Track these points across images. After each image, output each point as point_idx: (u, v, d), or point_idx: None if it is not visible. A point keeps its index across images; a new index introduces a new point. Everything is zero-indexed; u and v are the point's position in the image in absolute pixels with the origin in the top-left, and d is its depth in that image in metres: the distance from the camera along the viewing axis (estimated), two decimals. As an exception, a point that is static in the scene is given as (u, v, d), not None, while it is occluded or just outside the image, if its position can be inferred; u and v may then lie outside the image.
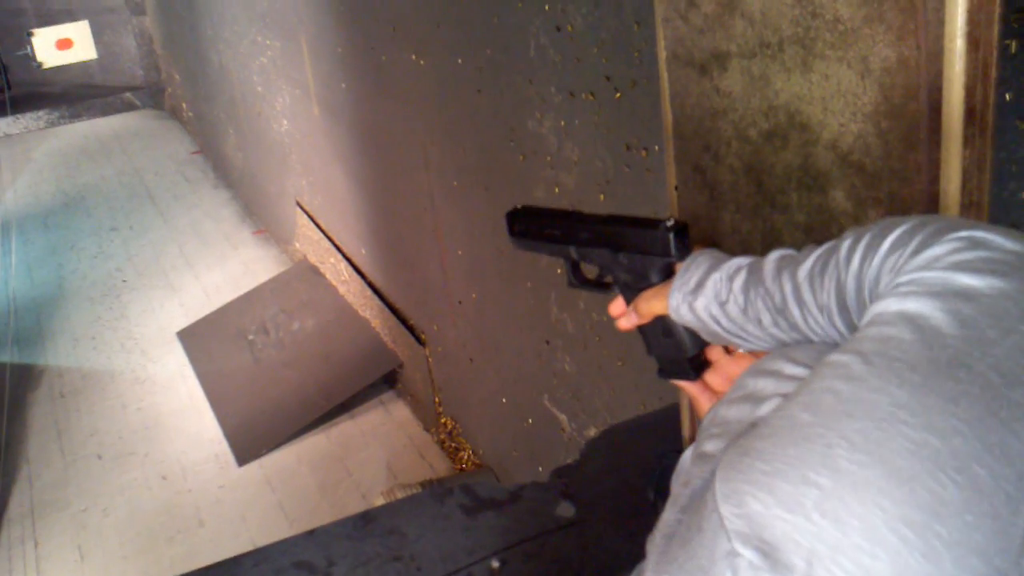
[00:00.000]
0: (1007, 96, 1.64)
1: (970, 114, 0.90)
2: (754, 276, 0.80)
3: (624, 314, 1.00)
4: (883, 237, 0.66)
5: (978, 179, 0.92)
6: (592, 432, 3.31)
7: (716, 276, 0.84)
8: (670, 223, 0.96)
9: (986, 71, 0.89)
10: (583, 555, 1.69)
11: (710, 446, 0.64)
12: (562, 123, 3.14)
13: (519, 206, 1.18)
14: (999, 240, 0.59)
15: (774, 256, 0.80)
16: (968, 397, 0.51)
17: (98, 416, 5.97)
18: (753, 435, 0.56)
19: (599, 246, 1.03)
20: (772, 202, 1.14)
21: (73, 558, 4.85)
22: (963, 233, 0.60)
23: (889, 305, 0.58)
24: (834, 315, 0.71)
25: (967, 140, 0.90)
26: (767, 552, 0.49)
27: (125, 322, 6.96)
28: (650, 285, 0.97)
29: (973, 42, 0.87)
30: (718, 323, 0.83)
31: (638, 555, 1.60)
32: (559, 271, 3.37)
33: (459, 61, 3.76)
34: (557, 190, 3.28)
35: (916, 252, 0.61)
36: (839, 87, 1.00)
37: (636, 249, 0.98)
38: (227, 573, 1.83)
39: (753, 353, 0.92)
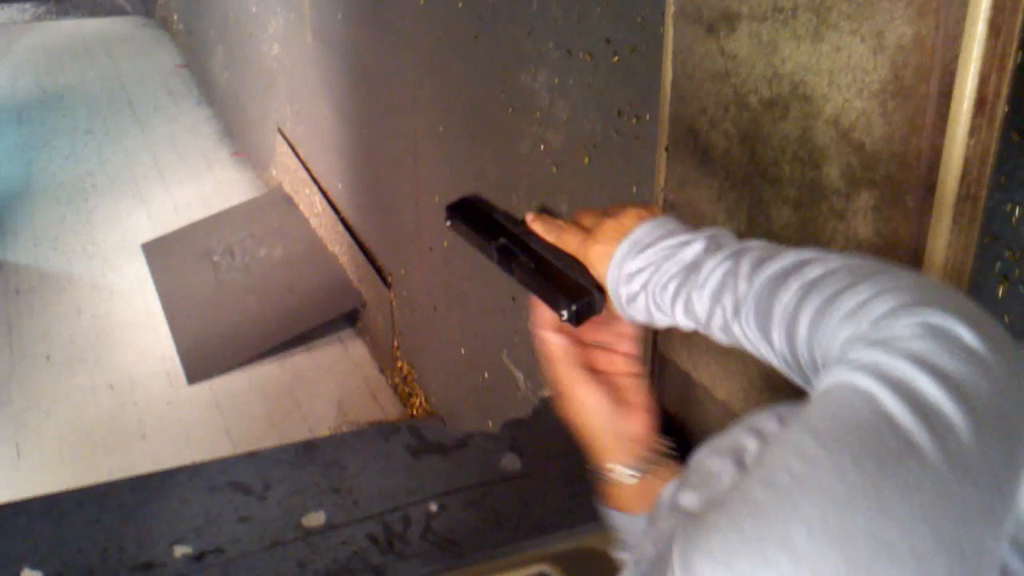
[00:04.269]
0: (1007, 108, 1.61)
1: (981, 103, 0.87)
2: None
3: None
4: (832, 303, 0.64)
5: (979, 172, 0.90)
6: (546, 393, 3.29)
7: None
8: (573, 309, 0.88)
9: (1003, 60, 0.86)
10: (523, 509, 1.68)
11: (686, 499, 0.62)
12: (556, 80, 3.09)
13: (457, 201, 1.09)
14: (961, 335, 0.57)
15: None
16: (921, 489, 0.51)
17: (51, 318, 5.88)
18: (713, 510, 0.55)
19: (521, 276, 0.96)
20: (764, 173, 1.11)
21: (10, 455, 4.79)
22: (926, 320, 0.58)
23: (842, 379, 0.57)
24: (789, 362, 0.70)
25: (974, 130, 0.88)
26: None
27: (89, 227, 6.85)
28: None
29: (995, 28, 0.84)
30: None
31: (579, 514, 1.59)
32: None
33: (460, 5, 3.68)
34: (542, 147, 3.23)
35: (874, 324, 0.60)
36: (849, 61, 0.97)
37: (546, 301, 0.92)
38: (160, 484, 1.80)
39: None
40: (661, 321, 0.83)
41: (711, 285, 0.75)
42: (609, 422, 0.89)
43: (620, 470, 0.88)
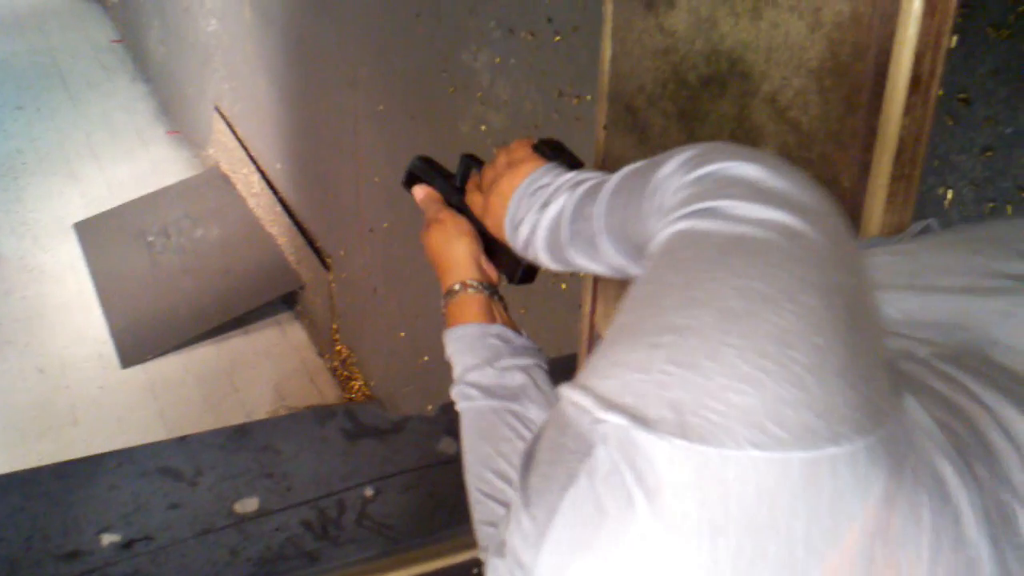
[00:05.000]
0: (940, 92, 1.63)
1: (916, 82, 0.86)
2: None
3: None
4: (634, 192, 0.70)
5: (913, 151, 0.89)
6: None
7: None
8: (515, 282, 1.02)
9: (938, 40, 0.85)
10: (460, 493, 1.66)
11: None
12: (497, 60, 3.07)
13: (407, 175, 1.15)
14: (744, 171, 0.60)
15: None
16: (766, 253, 0.53)
17: (-21, 300, 5.73)
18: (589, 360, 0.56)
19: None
20: (701, 152, 1.10)
21: (-65, 442, 4.66)
22: (710, 171, 0.62)
23: (658, 239, 0.60)
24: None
25: (908, 109, 0.87)
26: (633, 413, 0.48)
27: (20, 206, 6.66)
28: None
29: (931, 6, 0.83)
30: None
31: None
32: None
33: (401, -19, 3.63)
34: (484, 128, 3.21)
35: (674, 192, 0.63)
36: (787, 38, 0.95)
37: (495, 261, 1.02)
38: (88, 470, 1.75)
39: None
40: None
41: (574, 237, 0.81)
42: (470, 244, 1.00)
43: (470, 283, 0.98)
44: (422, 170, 1.11)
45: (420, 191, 1.09)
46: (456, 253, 1.00)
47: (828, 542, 0.46)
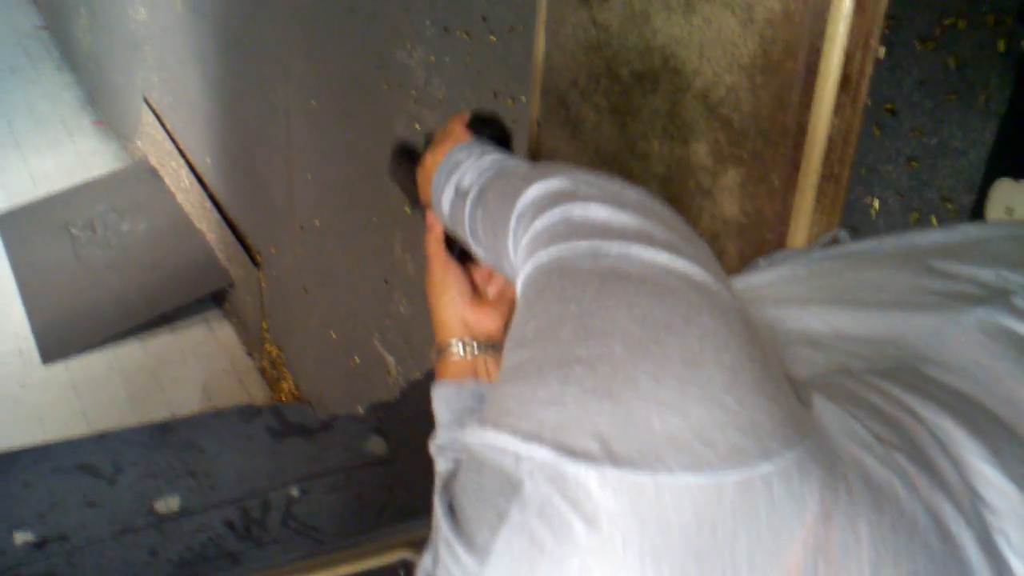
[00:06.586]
0: (868, 102, 1.66)
1: (845, 81, 0.87)
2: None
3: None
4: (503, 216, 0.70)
5: (842, 151, 0.90)
6: (418, 377, 3.25)
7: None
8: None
9: (867, 39, 0.86)
10: (388, 494, 1.64)
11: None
12: (432, 58, 3.05)
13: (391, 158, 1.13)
14: (590, 211, 0.61)
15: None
16: (648, 283, 0.53)
17: None
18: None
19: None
20: (633, 148, 1.10)
21: None
22: (564, 213, 0.62)
23: (521, 276, 0.60)
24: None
25: (838, 108, 0.88)
26: (557, 446, 0.47)
27: (-63, 197, 6.45)
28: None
29: (861, 5, 0.84)
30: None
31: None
32: (406, 210, 3.29)
33: (336, -25, 3.59)
34: (417, 126, 3.18)
35: (533, 237, 0.63)
36: (719, 34, 0.95)
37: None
38: (1, 466, 1.69)
39: None
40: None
41: (471, 230, 0.82)
42: (457, 302, 0.99)
43: (455, 344, 0.97)
44: (399, 159, 1.11)
45: (431, 217, 1.06)
46: (440, 314, 1.01)
47: (771, 562, 0.46)
